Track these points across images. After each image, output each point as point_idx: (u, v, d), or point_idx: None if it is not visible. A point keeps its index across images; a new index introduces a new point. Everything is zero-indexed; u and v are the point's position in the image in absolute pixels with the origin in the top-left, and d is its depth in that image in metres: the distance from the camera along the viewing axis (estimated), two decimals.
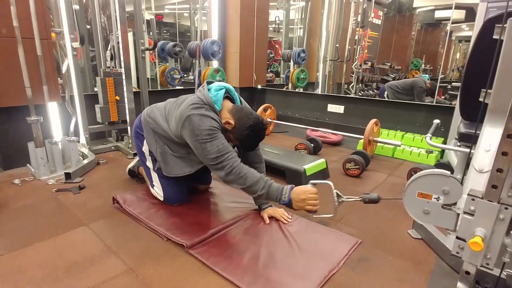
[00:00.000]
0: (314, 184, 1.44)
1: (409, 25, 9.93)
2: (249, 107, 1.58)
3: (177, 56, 4.03)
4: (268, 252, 1.42)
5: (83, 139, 2.75)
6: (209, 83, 1.61)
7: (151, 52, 4.55)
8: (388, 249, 1.52)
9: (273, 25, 7.61)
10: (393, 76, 8.27)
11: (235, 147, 1.75)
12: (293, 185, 1.45)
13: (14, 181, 2.12)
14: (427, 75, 6.15)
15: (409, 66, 9.49)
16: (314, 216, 1.44)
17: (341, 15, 5.72)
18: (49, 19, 2.28)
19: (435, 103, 3.26)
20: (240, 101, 1.67)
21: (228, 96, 1.62)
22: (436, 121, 1.99)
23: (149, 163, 1.82)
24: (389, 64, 9.40)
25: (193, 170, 1.71)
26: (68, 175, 2.15)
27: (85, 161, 2.37)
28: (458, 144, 1.80)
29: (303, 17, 6.56)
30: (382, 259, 1.44)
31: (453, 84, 5.83)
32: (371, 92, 7.16)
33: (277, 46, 8.48)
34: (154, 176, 1.81)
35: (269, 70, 8.30)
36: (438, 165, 2.31)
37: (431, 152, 2.83)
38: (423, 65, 9.26)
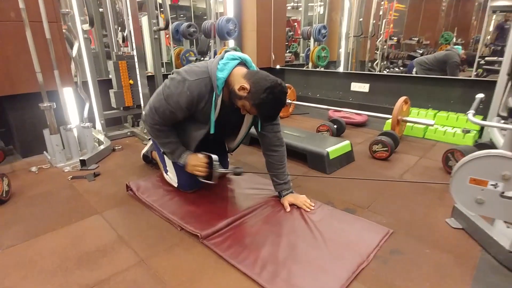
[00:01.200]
0: (204, 154, 1.56)
1: None
2: (265, 72, 1.41)
3: (192, 37, 3.88)
4: (289, 244, 1.30)
5: (99, 125, 2.71)
6: (227, 51, 1.46)
7: (167, 36, 4.43)
8: (424, 241, 1.35)
9: (292, 3, 7.24)
10: (421, 52, 7.73)
11: (253, 123, 1.59)
12: (191, 152, 1.58)
13: (31, 169, 2.11)
14: (460, 47, 5.65)
15: (438, 41, 8.84)
16: (201, 180, 1.57)
17: None
18: (58, 0, 2.18)
19: (474, 74, 2.91)
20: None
21: (243, 64, 1.47)
22: (480, 95, 1.75)
23: None
24: (417, 39, 8.79)
25: (207, 128, 1.50)
26: (83, 162, 2.11)
27: (100, 148, 2.33)
28: (502, 121, 1.58)
29: None
30: (418, 252, 1.28)
31: (487, 59, 5.34)
32: (397, 69, 6.74)
33: (296, 25, 8.12)
34: (168, 161, 1.72)
35: (287, 51, 7.98)
36: (479, 145, 2.08)
37: (468, 131, 2.58)
38: (454, 38, 8.59)
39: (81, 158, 2.11)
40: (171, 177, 1.74)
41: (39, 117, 2.25)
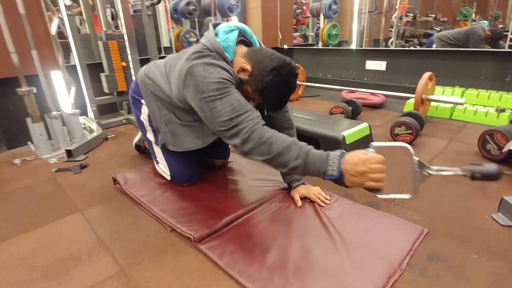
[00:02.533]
0: (378, 147, 0.91)
1: None
2: (271, 49, 1.14)
3: (192, 16, 3.58)
4: (302, 249, 1.06)
5: (91, 113, 2.49)
6: (216, 26, 1.20)
7: (168, 20, 4.15)
8: (468, 242, 1.09)
9: None
10: (438, 29, 7.26)
11: (258, 105, 1.34)
12: (344, 151, 0.94)
13: (14, 161, 1.91)
14: (486, 22, 5.20)
15: (456, 17, 8.29)
16: (379, 196, 0.91)
17: None
18: None
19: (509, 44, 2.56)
20: (260, 46, 1.25)
21: (243, 41, 1.20)
22: None
23: (150, 135, 1.49)
24: (434, 15, 8.26)
25: (205, 143, 1.36)
26: (69, 153, 1.90)
27: (90, 137, 2.11)
28: None
29: None
30: (463, 258, 1.02)
31: None
32: (412, 48, 6.32)
33: (303, 6, 7.68)
34: (158, 150, 1.48)
35: (295, 35, 7.58)
36: None
37: (503, 110, 2.27)
38: (473, 15, 8.02)
39: (67, 149, 1.89)
40: (163, 169, 1.51)
41: (23, 105, 2.04)
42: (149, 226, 1.24)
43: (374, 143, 0.92)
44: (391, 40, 5.80)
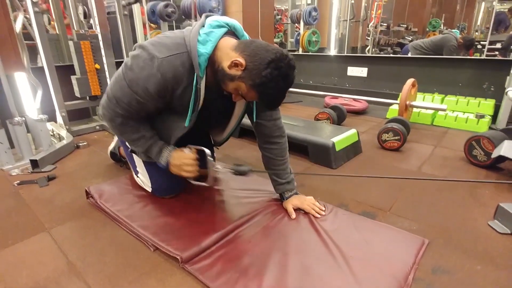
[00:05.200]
0: (191, 148, 1.20)
1: None
2: (264, 41, 1.05)
3: (171, 19, 3.45)
4: (301, 266, 0.97)
5: (60, 119, 2.28)
6: (208, 17, 1.09)
7: (145, 24, 3.97)
8: (470, 252, 1.06)
9: None
10: (409, 39, 7.57)
11: (246, 111, 1.24)
12: (174, 147, 1.20)
13: None
14: (457, 31, 5.44)
15: (426, 28, 8.70)
16: (192, 182, 1.22)
17: None
18: None
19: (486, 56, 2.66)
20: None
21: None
22: None
23: None
24: (405, 25, 8.62)
25: (188, 122, 1.14)
26: (34, 163, 1.71)
27: (59, 145, 1.92)
28: None
29: None
30: (467, 269, 0.98)
31: (482, 43, 5.16)
32: (393, 56, 6.51)
33: (282, 15, 7.74)
34: (138, 160, 1.35)
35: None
36: (506, 131, 1.80)
37: (482, 116, 2.32)
38: (442, 26, 8.45)
39: (31, 158, 1.70)
40: (143, 180, 1.37)
41: None
42: (128, 245, 1.11)
43: (190, 145, 1.20)
44: (368, 48, 5.94)
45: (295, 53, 4.48)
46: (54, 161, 1.83)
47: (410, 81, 2.30)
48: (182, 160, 1.16)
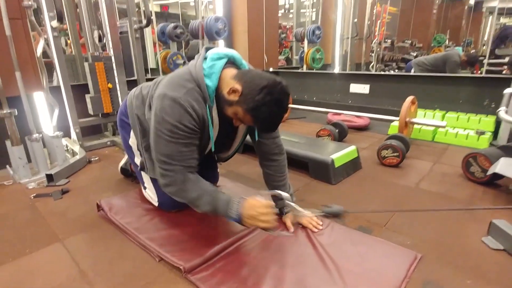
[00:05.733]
0: (266, 195, 1.18)
1: None
2: (261, 70, 1.15)
3: (179, 39, 3.62)
4: (297, 278, 1.03)
5: (74, 135, 2.41)
6: (208, 49, 1.20)
7: (155, 44, 4.17)
8: (461, 267, 1.10)
9: (283, 10, 7.06)
10: (414, 54, 7.64)
11: (248, 132, 1.33)
12: (243, 197, 1.12)
13: None
14: (460, 48, 5.51)
15: (431, 43, 8.79)
16: (272, 233, 1.13)
17: None
18: None
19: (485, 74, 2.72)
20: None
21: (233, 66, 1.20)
22: (509, 90, 1.52)
23: (138, 160, 1.45)
24: (410, 41, 8.72)
25: (206, 149, 1.28)
26: (50, 177, 1.81)
27: (72, 160, 2.03)
28: None
29: None
30: (458, 284, 1.02)
31: (491, 61, 5.18)
32: (392, 72, 6.60)
33: (287, 31, 7.96)
34: (145, 175, 1.44)
35: (279, 57, 7.79)
36: (503, 148, 1.83)
37: (482, 133, 2.37)
38: (447, 41, 8.52)
39: (47, 173, 1.81)
40: (150, 194, 1.46)
41: (2, 127, 1.95)
42: (136, 256, 1.18)
43: (262, 192, 1.19)
44: (372, 64, 6.05)
45: (299, 70, 4.61)
46: (68, 175, 1.94)
47: (409, 98, 2.37)
48: (257, 209, 1.06)
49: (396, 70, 6.70)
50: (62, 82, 2.23)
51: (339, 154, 1.86)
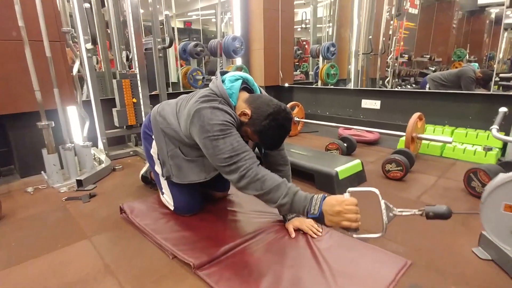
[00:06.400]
0: (353, 192, 1.08)
1: (449, 13, 9.13)
2: (269, 96, 1.31)
3: (199, 57, 3.88)
4: (293, 277, 1.15)
5: (101, 145, 2.65)
6: (223, 73, 1.38)
7: (177, 60, 4.46)
8: (447, 274, 1.17)
9: (301, 25, 7.29)
10: (433, 69, 7.59)
11: (256, 148, 1.51)
12: (326, 194, 1.11)
13: (27, 189, 2.03)
14: (476, 64, 5.48)
15: (451, 58, 8.68)
16: (354, 236, 1.05)
17: (374, 5, 5.27)
18: (60, 19, 2.17)
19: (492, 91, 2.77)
20: (260, 92, 1.42)
21: (246, 88, 1.38)
22: (503, 109, 1.60)
23: (158, 168, 1.62)
24: (429, 56, 8.66)
25: (208, 177, 1.49)
26: (79, 182, 2.02)
27: (99, 168, 2.24)
28: None
29: (331, 13, 6.20)
30: None
31: (502, 75, 5.12)
32: (409, 87, 6.60)
33: (305, 45, 8.14)
34: (164, 182, 1.61)
35: (298, 71, 7.98)
36: (504, 164, 1.89)
37: (490, 149, 2.40)
38: (467, 55, 8.42)
39: (77, 178, 2.02)
40: (167, 199, 1.62)
41: (38, 136, 2.20)
42: (152, 253, 1.34)
43: (350, 189, 1.08)
44: (387, 79, 6.09)
45: (314, 86, 4.75)
46: (95, 181, 2.15)
47: (415, 115, 2.45)
48: (344, 206, 1.02)
49: (414, 85, 6.71)
50: (92, 97, 2.48)
51: (344, 167, 1.96)
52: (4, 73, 2.04)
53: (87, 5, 2.13)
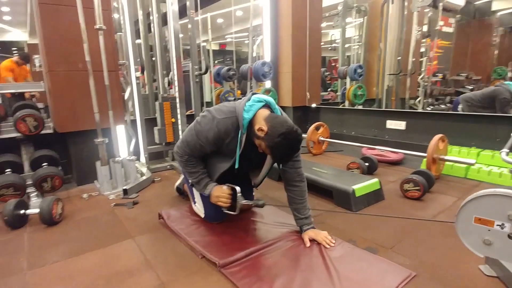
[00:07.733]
0: (228, 186, 1.64)
1: (488, 30, 8.83)
2: (287, 117, 1.53)
3: (231, 80, 4.21)
4: (303, 279, 1.31)
5: (143, 159, 2.99)
6: (254, 94, 1.62)
7: (211, 80, 4.87)
8: (449, 286, 1.27)
9: (332, 44, 7.51)
10: (470, 87, 7.34)
11: (274, 163, 1.69)
12: (216, 184, 1.66)
13: (83, 196, 2.38)
14: (511, 82, 5.28)
15: (490, 76, 8.33)
16: (224, 211, 1.65)
17: (403, 26, 5.35)
18: (117, 53, 2.58)
19: None
20: (281, 113, 1.63)
21: (269, 107, 1.60)
22: None
23: None
24: (465, 74, 8.38)
25: (232, 162, 1.62)
26: (125, 191, 2.34)
27: (141, 179, 2.56)
28: None
29: (360, 33, 6.34)
30: None
31: None
32: (442, 106, 6.45)
33: (334, 64, 8.30)
34: (197, 193, 1.85)
35: (329, 90, 8.13)
36: None
37: None
38: (509, 73, 8.04)
39: (124, 188, 2.34)
40: (199, 208, 1.86)
41: (93, 150, 2.57)
42: (185, 253, 1.57)
43: (228, 184, 1.65)
44: (418, 99, 6.03)
45: (340, 106, 4.89)
46: (137, 191, 2.45)
47: (437, 136, 2.52)
48: (220, 193, 1.61)
49: (448, 105, 6.56)
50: (138, 117, 2.84)
51: (361, 185, 2.09)
52: (71, 98, 2.45)
53: (139, 41, 2.51)
